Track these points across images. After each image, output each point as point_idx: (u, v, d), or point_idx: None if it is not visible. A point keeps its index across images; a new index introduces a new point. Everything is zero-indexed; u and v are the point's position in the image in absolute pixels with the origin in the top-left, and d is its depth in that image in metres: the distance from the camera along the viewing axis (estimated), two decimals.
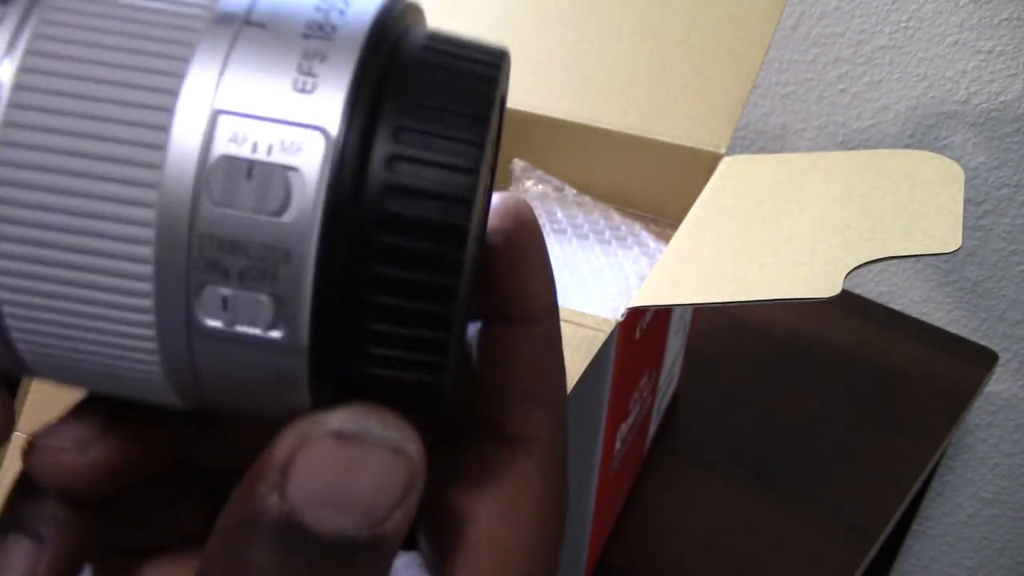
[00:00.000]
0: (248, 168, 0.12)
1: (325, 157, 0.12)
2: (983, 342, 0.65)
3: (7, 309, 0.12)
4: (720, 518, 0.50)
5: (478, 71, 0.13)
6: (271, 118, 0.12)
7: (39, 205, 0.12)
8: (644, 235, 0.46)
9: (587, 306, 0.41)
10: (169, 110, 0.12)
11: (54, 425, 0.15)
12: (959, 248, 0.30)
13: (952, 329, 0.68)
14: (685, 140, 0.43)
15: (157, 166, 0.12)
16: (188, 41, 0.12)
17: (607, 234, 0.46)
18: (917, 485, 0.53)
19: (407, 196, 0.12)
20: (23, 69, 0.12)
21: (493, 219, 0.16)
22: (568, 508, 0.17)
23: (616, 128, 0.44)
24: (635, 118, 0.44)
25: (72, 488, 0.14)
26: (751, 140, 0.74)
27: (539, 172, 0.48)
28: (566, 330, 0.31)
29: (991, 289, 0.67)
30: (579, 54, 0.47)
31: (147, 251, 0.12)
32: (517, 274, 0.16)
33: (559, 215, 0.47)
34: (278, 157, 0.12)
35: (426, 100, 0.12)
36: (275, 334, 0.12)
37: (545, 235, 0.17)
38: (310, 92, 0.12)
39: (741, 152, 0.72)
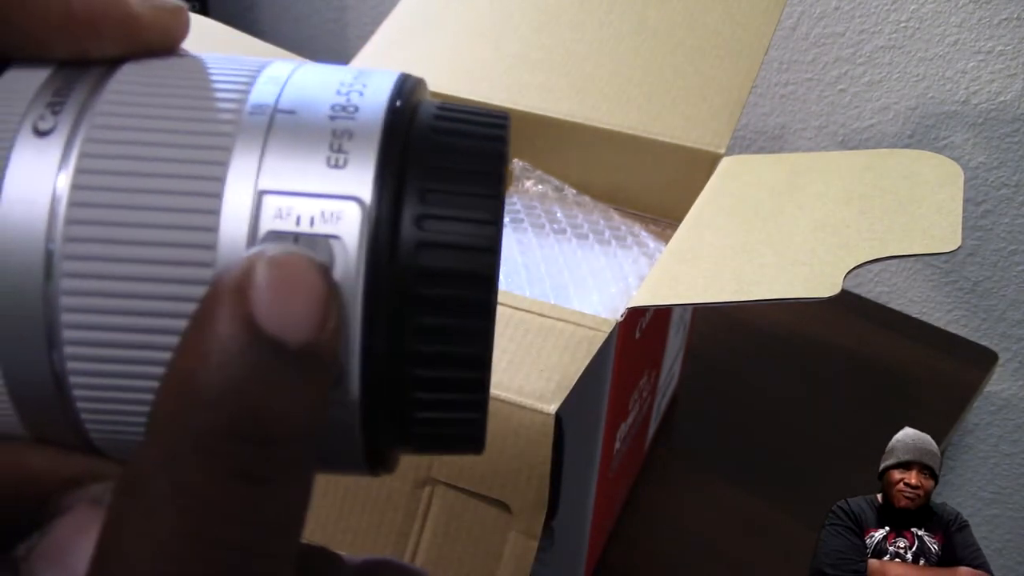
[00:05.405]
0: (294, 240, 0.13)
1: (362, 223, 0.13)
2: (983, 342, 0.65)
3: (80, 401, 0.13)
4: (720, 518, 0.50)
5: (487, 133, 0.14)
6: (310, 193, 0.13)
7: (104, 309, 0.13)
8: (644, 235, 0.46)
9: (587, 306, 0.41)
10: (218, 195, 0.13)
11: None
12: (959, 248, 0.30)
13: (952, 329, 0.68)
14: (685, 140, 0.43)
15: (211, 247, 0.13)
16: (228, 132, 0.13)
17: (607, 234, 0.46)
18: None
19: (438, 250, 0.13)
20: (76, 186, 0.13)
21: None
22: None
23: (616, 128, 0.44)
24: (635, 118, 0.44)
25: None
26: (751, 140, 0.74)
27: (539, 172, 0.48)
28: (566, 330, 0.31)
29: (991, 289, 0.67)
30: (579, 54, 0.47)
31: None
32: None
33: (559, 215, 0.47)
34: (320, 228, 0.13)
35: (446, 163, 0.14)
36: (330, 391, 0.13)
37: (545, 235, 0.17)
38: (343, 167, 0.13)
39: (741, 152, 0.72)
